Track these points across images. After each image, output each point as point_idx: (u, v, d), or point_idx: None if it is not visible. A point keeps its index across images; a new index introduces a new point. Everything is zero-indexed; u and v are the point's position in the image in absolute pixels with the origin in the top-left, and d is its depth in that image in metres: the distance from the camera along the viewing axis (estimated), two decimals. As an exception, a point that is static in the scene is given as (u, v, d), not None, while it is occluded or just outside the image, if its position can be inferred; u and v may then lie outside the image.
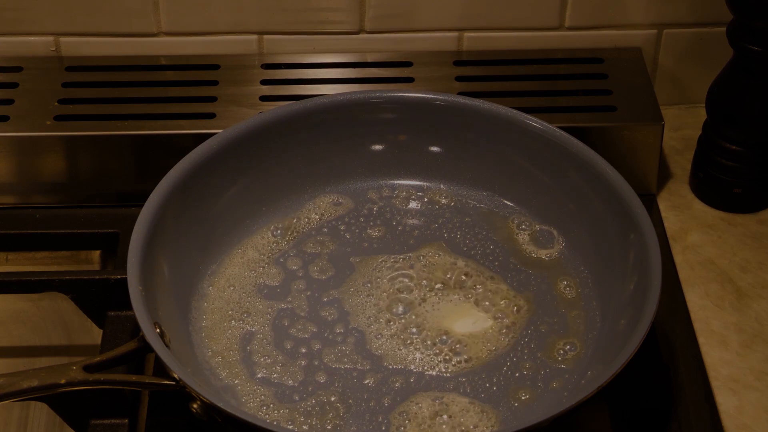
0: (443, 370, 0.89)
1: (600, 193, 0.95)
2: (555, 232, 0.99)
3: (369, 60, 1.13)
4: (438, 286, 0.95)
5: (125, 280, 0.86)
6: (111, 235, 1.03)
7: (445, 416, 0.86)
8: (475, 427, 0.85)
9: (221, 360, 0.90)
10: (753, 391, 0.90)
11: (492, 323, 0.92)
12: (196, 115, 1.06)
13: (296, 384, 0.89)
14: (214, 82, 1.10)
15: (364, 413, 0.87)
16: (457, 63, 1.13)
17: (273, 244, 0.98)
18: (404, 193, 1.03)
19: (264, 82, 1.10)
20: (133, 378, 0.85)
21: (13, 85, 1.10)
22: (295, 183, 1.01)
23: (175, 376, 0.81)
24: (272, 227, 1.00)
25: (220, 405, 0.79)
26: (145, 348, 0.83)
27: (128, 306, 0.84)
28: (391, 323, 0.92)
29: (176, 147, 1.01)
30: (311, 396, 0.88)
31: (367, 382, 0.89)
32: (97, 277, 0.96)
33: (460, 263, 0.96)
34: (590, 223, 0.96)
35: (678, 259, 1.00)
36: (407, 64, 1.12)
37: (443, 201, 1.02)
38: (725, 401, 0.89)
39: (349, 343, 0.91)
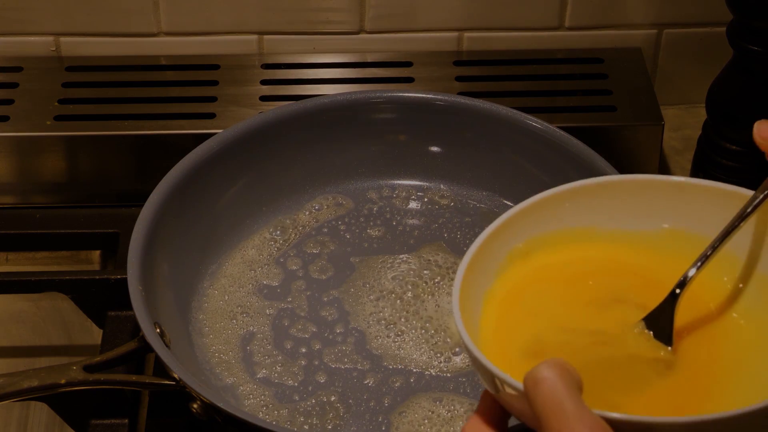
0: (443, 370, 0.89)
1: (600, 193, 0.95)
2: (555, 232, 0.99)
3: (369, 60, 1.13)
4: (438, 286, 0.95)
5: (125, 280, 0.86)
6: (111, 235, 1.03)
7: (445, 416, 0.86)
8: (475, 427, 0.85)
9: (221, 360, 0.90)
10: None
11: (492, 323, 0.92)
12: (196, 115, 1.06)
13: (296, 384, 0.89)
14: (214, 82, 1.10)
15: (364, 413, 0.87)
16: (457, 63, 1.13)
17: (273, 244, 0.98)
18: (404, 193, 1.03)
19: (264, 82, 1.11)
20: (133, 378, 0.85)
21: (13, 85, 1.10)
22: (295, 183, 1.01)
23: (175, 376, 0.81)
24: (272, 227, 1.00)
25: (220, 405, 0.79)
26: (145, 348, 0.83)
27: (128, 306, 0.84)
28: (392, 323, 0.92)
29: (176, 147, 1.01)
30: (311, 396, 0.88)
31: (367, 382, 0.89)
32: (97, 277, 0.96)
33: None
34: (590, 223, 0.96)
35: (678, 259, 1.00)
36: (407, 64, 1.12)
37: (443, 201, 1.02)
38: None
39: (349, 343, 0.91)
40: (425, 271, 0.96)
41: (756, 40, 0.97)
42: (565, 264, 0.72)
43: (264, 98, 1.09)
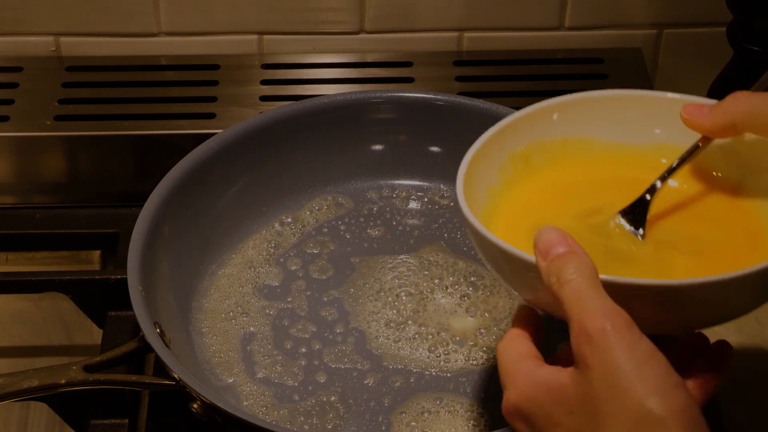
0: (443, 370, 0.89)
1: (600, 193, 0.95)
2: (555, 232, 0.99)
3: (369, 60, 1.13)
4: (438, 286, 0.95)
5: (125, 280, 0.86)
6: (111, 235, 1.03)
7: (445, 416, 0.86)
8: (475, 428, 0.85)
9: (221, 360, 0.90)
10: (753, 391, 0.90)
11: (492, 323, 0.92)
12: (196, 115, 1.06)
13: (296, 384, 0.89)
14: (214, 82, 1.10)
15: (364, 413, 0.87)
16: (457, 63, 1.13)
17: (273, 244, 0.98)
18: (404, 193, 1.03)
19: (264, 82, 1.11)
20: (133, 378, 0.85)
21: (13, 85, 1.10)
22: (295, 183, 1.01)
23: (175, 376, 0.81)
24: (272, 227, 1.00)
25: (220, 405, 0.79)
26: (145, 348, 0.83)
27: (128, 306, 0.84)
28: (391, 323, 0.92)
29: (176, 147, 1.01)
30: (311, 396, 0.88)
31: (367, 382, 0.89)
32: (97, 277, 0.96)
33: (461, 263, 0.96)
34: (590, 223, 0.96)
35: (678, 259, 1.00)
36: (407, 64, 1.12)
37: (443, 201, 1.02)
38: (725, 401, 0.89)
39: (349, 343, 0.91)
40: (425, 271, 0.96)
41: (756, 40, 0.97)
42: (568, 173, 0.78)
43: (264, 98, 1.09)
